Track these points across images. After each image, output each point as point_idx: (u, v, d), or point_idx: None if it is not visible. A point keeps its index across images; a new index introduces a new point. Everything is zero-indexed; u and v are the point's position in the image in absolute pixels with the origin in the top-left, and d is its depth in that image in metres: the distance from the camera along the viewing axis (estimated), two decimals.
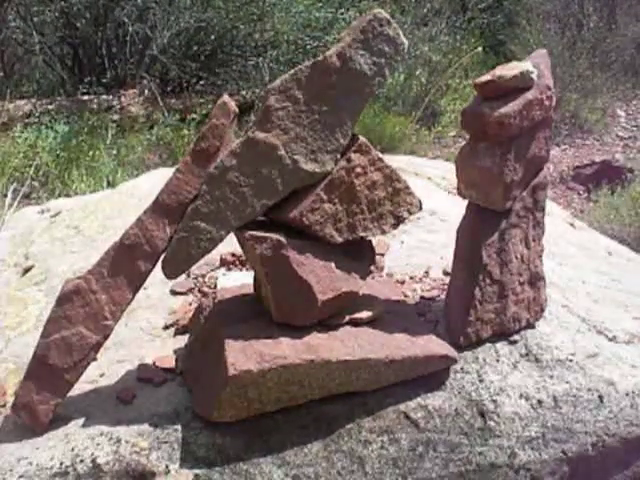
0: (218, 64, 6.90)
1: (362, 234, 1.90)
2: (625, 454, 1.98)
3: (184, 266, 1.86)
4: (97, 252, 2.60)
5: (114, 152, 5.56)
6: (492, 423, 1.93)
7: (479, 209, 2.03)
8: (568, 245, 2.88)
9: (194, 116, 6.14)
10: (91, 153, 5.39)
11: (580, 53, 7.79)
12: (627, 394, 2.00)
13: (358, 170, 1.85)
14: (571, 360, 2.04)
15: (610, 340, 2.16)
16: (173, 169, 1.90)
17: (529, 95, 1.91)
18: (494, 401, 1.95)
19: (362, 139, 1.87)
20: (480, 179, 1.96)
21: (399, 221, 1.93)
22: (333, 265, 1.88)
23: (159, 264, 1.86)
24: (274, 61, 6.72)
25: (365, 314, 1.97)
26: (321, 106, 1.81)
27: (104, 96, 6.38)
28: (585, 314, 2.25)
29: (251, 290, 2.07)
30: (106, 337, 1.87)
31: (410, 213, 1.94)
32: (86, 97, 6.36)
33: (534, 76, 1.92)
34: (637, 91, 8.59)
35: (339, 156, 1.84)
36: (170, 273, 1.85)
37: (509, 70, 1.91)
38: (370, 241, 1.98)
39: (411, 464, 1.87)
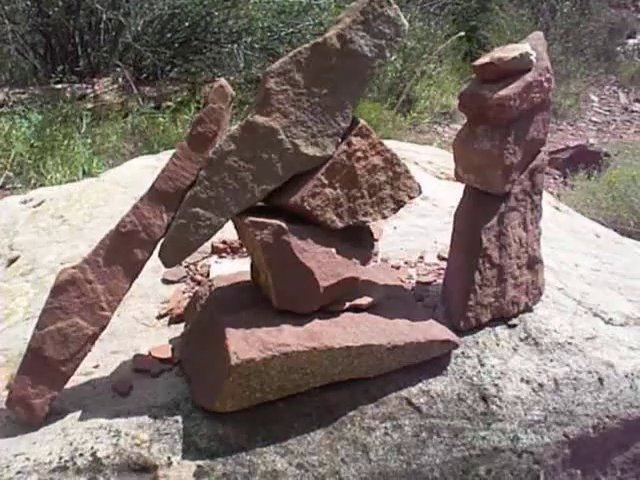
0: (192, 51, 6.80)
1: (363, 219, 1.87)
2: (625, 436, 1.99)
3: (183, 254, 1.81)
4: (84, 241, 2.57)
5: (89, 141, 5.46)
6: (494, 407, 1.92)
7: (477, 193, 2.01)
8: (558, 229, 2.88)
9: (169, 104, 6.07)
10: (66, 142, 5.29)
11: (553, 38, 7.83)
12: (626, 376, 2.00)
13: (359, 154, 1.82)
14: (570, 343, 2.04)
15: (607, 323, 2.16)
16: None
17: (528, 77, 1.90)
18: (496, 385, 1.94)
19: (362, 122, 1.83)
20: (479, 162, 1.95)
21: (399, 205, 1.91)
22: (334, 251, 1.85)
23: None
24: (248, 48, 6.65)
25: (365, 300, 1.94)
26: (321, 89, 1.77)
27: (77, 84, 6.27)
28: (580, 297, 2.25)
29: (247, 277, 2.04)
30: (103, 328, 1.83)
31: (410, 197, 1.92)
32: (59, 86, 6.22)
33: (533, 58, 1.90)
34: (610, 76, 8.67)
35: (340, 140, 1.81)
36: (168, 261, 1.80)
37: (508, 52, 1.89)
38: (369, 227, 1.95)
39: (415, 450, 1.85)
